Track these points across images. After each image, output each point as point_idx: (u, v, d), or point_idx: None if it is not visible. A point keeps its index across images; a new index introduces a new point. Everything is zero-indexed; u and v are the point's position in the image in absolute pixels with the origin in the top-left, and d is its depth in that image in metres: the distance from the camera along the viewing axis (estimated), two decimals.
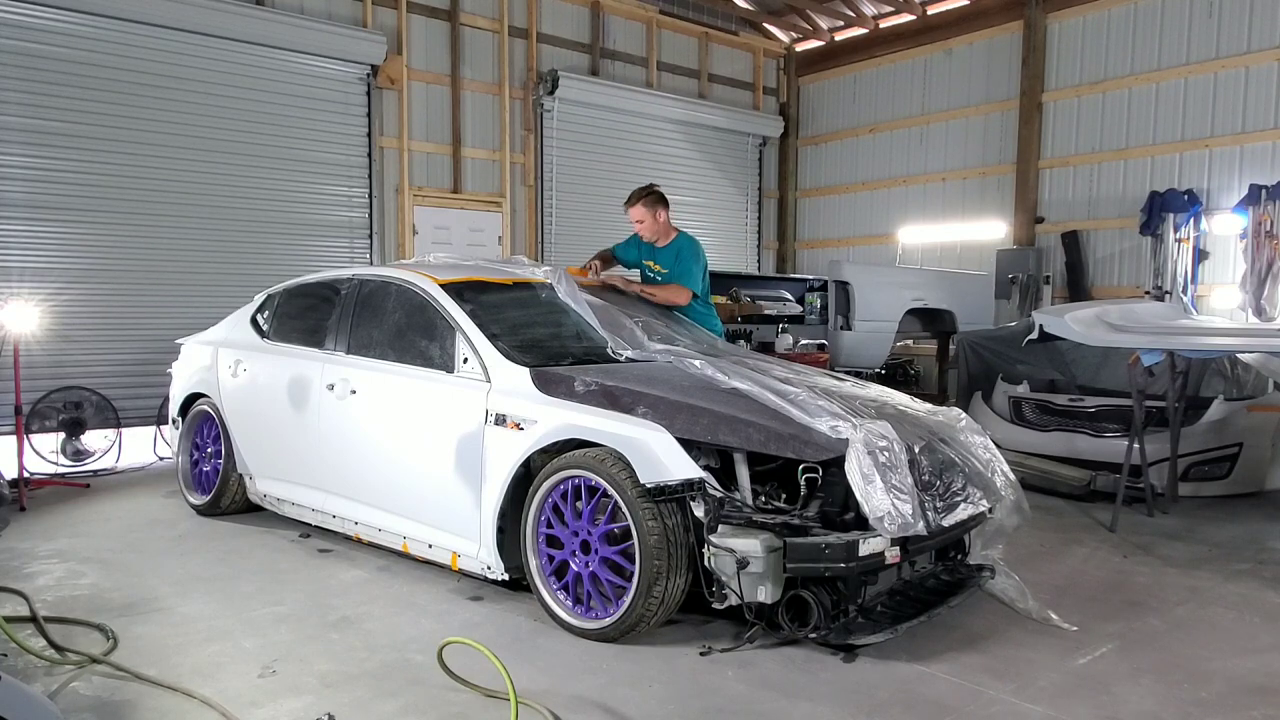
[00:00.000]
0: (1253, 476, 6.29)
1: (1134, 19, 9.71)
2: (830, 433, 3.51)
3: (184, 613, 3.89)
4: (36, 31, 7.33)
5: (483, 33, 10.12)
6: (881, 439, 3.49)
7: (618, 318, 4.73)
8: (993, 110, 11.01)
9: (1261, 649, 3.63)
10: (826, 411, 3.63)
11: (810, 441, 3.47)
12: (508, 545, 3.94)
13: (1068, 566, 4.72)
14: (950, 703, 3.10)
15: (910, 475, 3.50)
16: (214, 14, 8.04)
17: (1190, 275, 9.27)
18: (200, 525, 5.38)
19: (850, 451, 3.40)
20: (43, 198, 7.39)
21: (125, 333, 7.77)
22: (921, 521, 3.40)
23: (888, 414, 3.87)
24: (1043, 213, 10.58)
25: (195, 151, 8.11)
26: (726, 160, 12.58)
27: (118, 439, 7.13)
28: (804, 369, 4.80)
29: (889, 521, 3.31)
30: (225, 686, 3.15)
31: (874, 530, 3.42)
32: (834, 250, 12.81)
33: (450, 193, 9.81)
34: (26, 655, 3.35)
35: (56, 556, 4.70)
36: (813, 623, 3.39)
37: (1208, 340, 5.60)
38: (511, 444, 3.89)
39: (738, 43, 12.65)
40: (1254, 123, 8.90)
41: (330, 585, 4.28)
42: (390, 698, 3.09)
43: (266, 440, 5.20)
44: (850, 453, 3.40)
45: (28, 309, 6.23)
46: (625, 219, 5.57)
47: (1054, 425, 6.92)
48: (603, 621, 3.57)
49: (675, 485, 3.41)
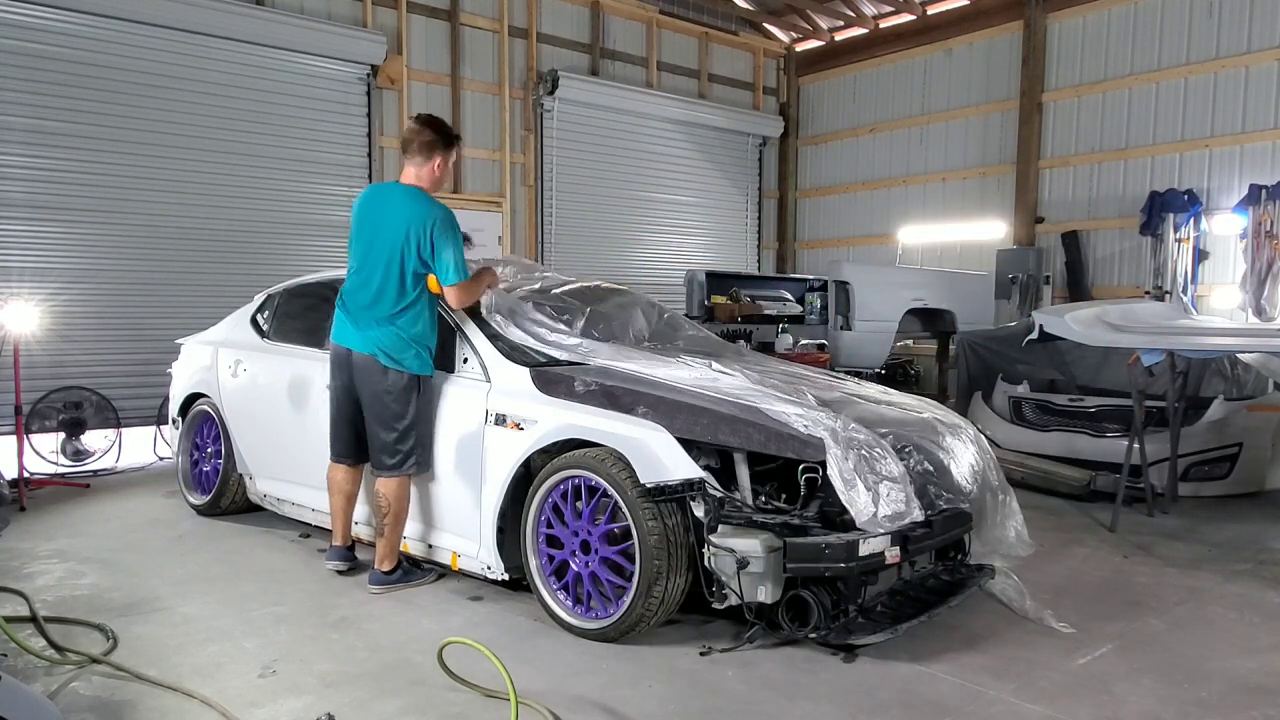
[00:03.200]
0: (1253, 476, 6.29)
1: (1134, 19, 9.71)
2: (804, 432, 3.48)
3: (184, 613, 3.89)
4: (36, 31, 7.33)
5: (483, 33, 10.12)
6: (857, 433, 3.49)
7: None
8: (993, 110, 11.01)
9: (1261, 649, 3.63)
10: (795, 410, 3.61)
11: (810, 442, 3.47)
12: (508, 545, 3.94)
13: (1068, 566, 4.72)
14: (950, 703, 3.10)
15: (897, 463, 3.50)
16: (214, 14, 8.05)
17: (1190, 275, 9.28)
18: (200, 525, 5.38)
19: (829, 456, 3.38)
20: (43, 198, 7.39)
21: (125, 333, 7.77)
22: (918, 507, 3.40)
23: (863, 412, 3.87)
24: (1043, 213, 10.58)
25: (195, 151, 8.11)
26: (726, 160, 12.58)
27: (118, 439, 7.13)
28: (799, 371, 4.80)
29: (880, 516, 3.31)
30: (225, 686, 3.15)
31: (874, 530, 3.43)
32: (834, 250, 12.82)
33: (450, 193, 9.81)
34: (26, 655, 3.35)
35: (56, 556, 4.70)
36: (813, 623, 3.39)
37: (1208, 340, 5.60)
38: (511, 444, 3.89)
39: (738, 43, 12.65)
40: (1254, 123, 8.91)
41: (330, 585, 4.28)
42: (390, 698, 3.09)
43: (266, 440, 5.20)
44: (829, 457, 3.38)
45: (28, 309, 6.23)
46: (625, 219, 5.52)
47: (1054, 425, 6.92)
48: (603, 621, 3.57)
49: (675, 485, 3.41)
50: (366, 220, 4.16)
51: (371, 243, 4.09)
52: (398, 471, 4.10)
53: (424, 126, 4.14)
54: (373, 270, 4.07)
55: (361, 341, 4.09)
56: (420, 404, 4.15)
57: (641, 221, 11.50)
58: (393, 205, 4.09)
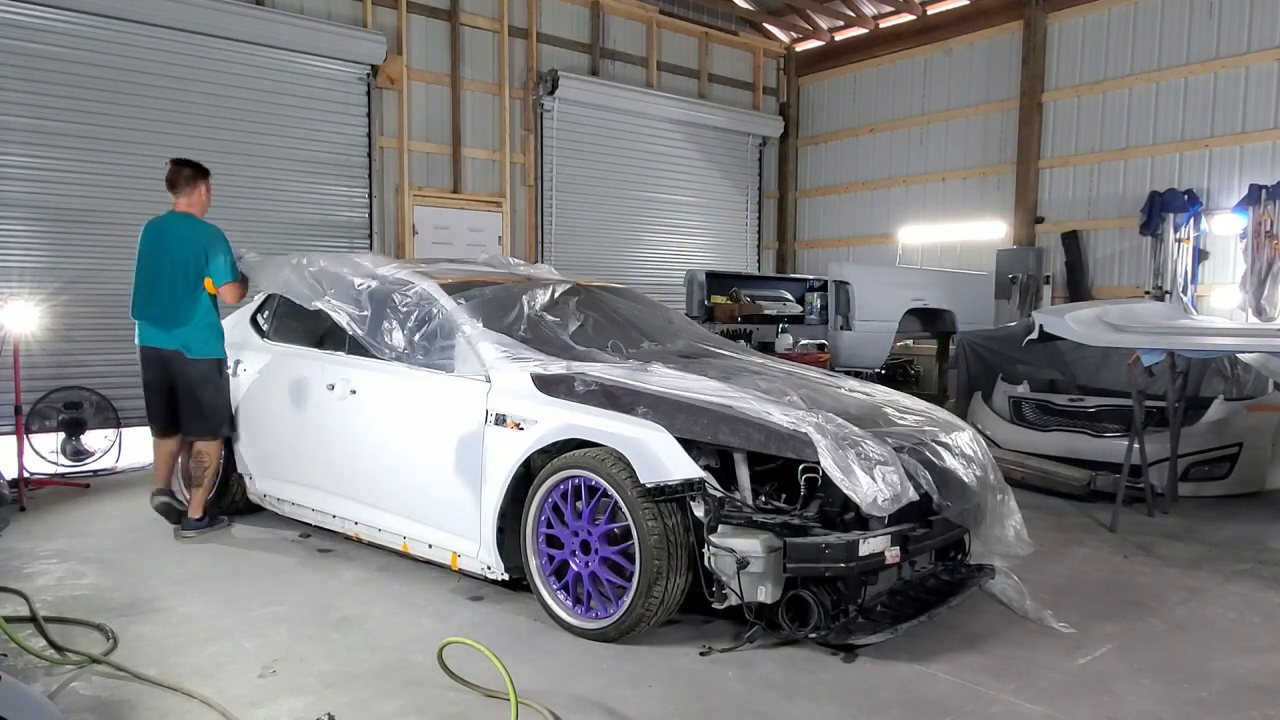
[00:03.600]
0: (1253, 476, 6.29)
1: (1134, 19, 9.71)
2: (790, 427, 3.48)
3: (184, 613, 3.89)
4: (36, 31, 7.32)
5: (483, 33, 10.12)
6: (836, 423, 3.50)
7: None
8: (992, 110, 11.01)
9: (1261, 649, 3.63)
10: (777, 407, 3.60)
11: (797, 437, 3.46)
12: (508, 545, 3.94)
13: (1068, 566, 4.72)
14: (950, 703, 3.10)
15: (882, 445, 3.50)
16: (214, 14, 8.04)
17: (1190, 275, 9.28)
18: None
19: (819, 450, 3.38)
20: (43, 198, 7.39)
21: (125, 333, 7.65)
22: (912, 486, 3.40)
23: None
24: (1043, 213, 10.58)
25: (196, 152, 7.96)
26: (726, 160, 12.58)
27: (118, 439, 7.12)
28: (801, 372, 4.80)
29: (881, 499, 3.31)
30: (225, 686, 3.15)
31: (874, 530, 3.43)
32: (834, 250, 12.81)
33: (450, 193, 9.81)
34: (26, 655, 3.35)
35: (56, 556, 4.70)
36: (813, 623, 3.39)
37: (1208, 340, 5.60)
38: (511, 444, 3.89)
39: (738, 43, 12.65)
40: (1254, 123, 8.90)
41: (330, 585, 4.28)
42: (390, 698, 3.09)
43: (266, 440, 5.20)
44: (820, 450, 3.37)
45: (28, 309, 6.23)
46: (625, 219, 5.54)
47: (1054, 425, 6.92)
48: (603, 621, 3.57)
49: (675, 485, 3.41)
50: (155, 246, 5.14)
51: (160, 262, 5.06)
52: (216, 435, 5.12)
53: (183, 165, 5.27)
54: (169, 284, 5.02)
55: (169, 340, 5.03)
56: (226, 380, 5.17)
57: (641, 221, 11.49)
58: (177, 231, 5.14)
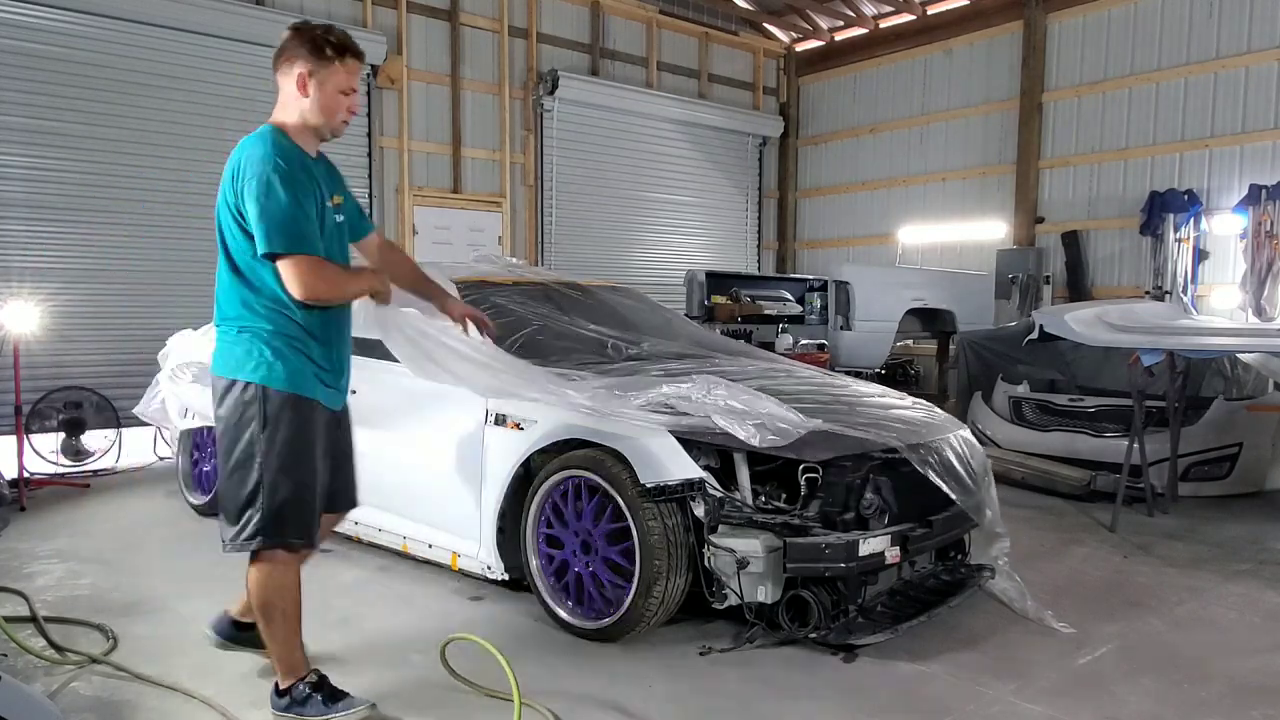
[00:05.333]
0: (1253, 476, 6.29)
1: (1134, 19, 9.71)
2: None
3: (184, 613, 3.89)
4: (36, 31, 7.33)
5: (483, 33, 10.12)
6: (715, 384, 3.57)
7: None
8: (992, 110, 11.01)
9: (1261, 649, 3.63)
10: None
11: (810, 442, 3.47)
12: (508, 545, 3.93)
13: (1068, 566, 4.72)
14: (950, 703, 3.10)
15: (750, 392, 3.58)
16: (214, 14, 8.05)
17: (1190, 275, 9.28)
18: (200, 525, 5.37)
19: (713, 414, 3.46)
20: (43, 198, 7.39)
21: (125, 333, 7.77)
22: (805, 419, 3.47)
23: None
24: (1043, 213, 10.58)
25: (196, 151, 8.10)
26: (726, 160, 12.58)
27: (118, 439, 7.12)
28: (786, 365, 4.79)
29: (769, 427, 3.38)
30: (225, 686, 3.15)
31: (874, 530, 3.43)
32: (834, 250, 12.82)
33: (450, 193, 9.81)
34: (26, 655, 3.35)
35: (56, 556, 4.70)
36: (813, 623, 3.39)
37: (1208, 340, 5.60)
38: (511, 444, 3.88)
39: (738, 43, 12.65)
40: (1254, 123, 8.91)
41: (330, 585, 4.27)
42: (391, 698, 3.09)
43: None
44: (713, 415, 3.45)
45: (28, 309, 6.22)
46: (625, 219, 5.49)
47: (1054, 425, 6.91)
48: (603, 621, 3.57)
49: (675, 485, 3.41)
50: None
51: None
52: (244, 545, 2.86)
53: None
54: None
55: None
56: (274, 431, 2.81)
57: (641, 221, 11.50)
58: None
